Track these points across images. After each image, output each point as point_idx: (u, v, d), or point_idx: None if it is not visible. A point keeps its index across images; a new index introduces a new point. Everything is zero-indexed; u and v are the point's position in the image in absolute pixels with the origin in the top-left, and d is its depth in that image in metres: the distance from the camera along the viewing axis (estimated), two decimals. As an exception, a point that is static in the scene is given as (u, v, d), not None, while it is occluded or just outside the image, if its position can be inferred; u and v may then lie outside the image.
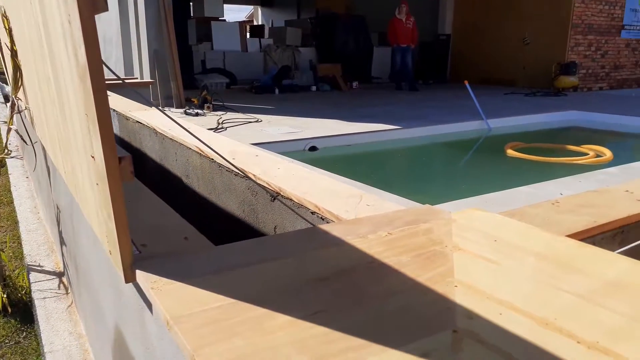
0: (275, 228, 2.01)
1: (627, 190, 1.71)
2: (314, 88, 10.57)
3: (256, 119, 6.25)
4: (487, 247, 1.22)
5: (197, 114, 6.66)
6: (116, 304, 1.53)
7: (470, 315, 0.91)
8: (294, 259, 1.15)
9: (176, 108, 7.22)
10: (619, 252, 1.22)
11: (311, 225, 1.65)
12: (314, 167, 2.29)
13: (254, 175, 2.06)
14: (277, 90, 9.75)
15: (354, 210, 1.56)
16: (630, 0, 11.26)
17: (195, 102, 7.20)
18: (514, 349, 0.81)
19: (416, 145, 5.89)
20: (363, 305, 0.95)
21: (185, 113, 6.81)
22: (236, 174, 2.26)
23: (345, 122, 6.12)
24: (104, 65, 1.01)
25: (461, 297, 0.98)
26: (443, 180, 4.93)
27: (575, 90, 10.38)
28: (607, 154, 5.14)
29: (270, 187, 1.95)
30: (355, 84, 10.98)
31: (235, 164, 2.09)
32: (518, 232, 1.30)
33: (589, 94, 10.35)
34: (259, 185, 2.02)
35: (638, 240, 1.44)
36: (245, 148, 2.61)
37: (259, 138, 5.03)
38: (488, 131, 6.49)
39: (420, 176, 5.08)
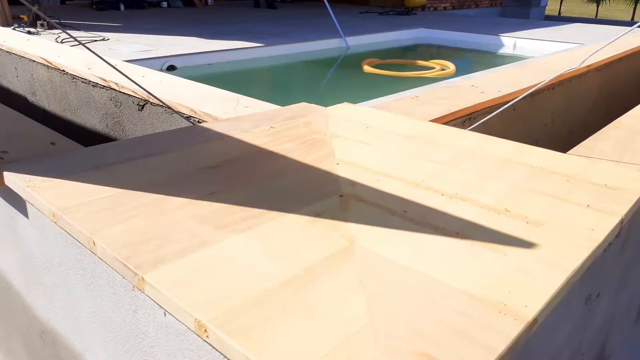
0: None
1: (472, 85, 1.94)
2: (164, 4, 9.77)
3: (102, 37, 5.65)
4: (361, 132, 1.32)
5: (29, 33, 5.81)
6: (-26, 224, 1.38)
7: (352, 183, 1.01)
8: (180, 152, 1.14)
9: (2, 26, 6.20)
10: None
11: (188, 129, 1.62)
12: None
13: (117, 84, 1.93)
14: (122, 7, 8.82)
15: (233, 111, 1.57)
16: None
17: (26, 19, 6.23)
18: (391, 204, 0.93)
19: (279, 63, 5.88)
20: (257, 184, 0.99)
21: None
22: (94, 85, 2.09)
23: (204, 40, 5.84)
24: None
25: (343, 171, 1.07)
26: (308, 96, 5.04)
27: (423, 9, 11.03)
28: (451, 67, 5.66)
29: (137, 95, 1.85)
30: (210, 0, 10.37)
31: (94, 74, 1.92)
32: (386, 120, 1.43)
33: (435, 13, 11.08)
34: (124, 94, 1.90)
35: (482, 124, 1.67)
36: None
37: (109, 57, 4.60)
38: (347, 49, 6.68)
39: (286, 93, 5.13)
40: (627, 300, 1.36)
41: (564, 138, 2.43)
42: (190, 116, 1.63)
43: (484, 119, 1.59)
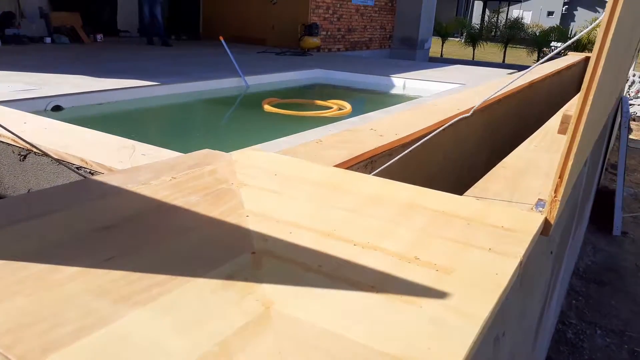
0: (29, 192, 1.74)
1: (372, 129, 2.01)
2: (48, 40, 9.23)
3: (-25, 75, 5.15)
4: (270, 180, 1.30)
5: None
6: None
7: (264, 237, 0.98)
8: (70, 211, 1.03)
9: None
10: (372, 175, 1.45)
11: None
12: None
13: (-7, 131, 1.74)
14: (-1, 42, 8.18)
15: (128, 160, 1.47)
16: (356, -30, 12.80)
17: None
18: (305, 258, 0.90)
19: (177, 102, 5.74)
20: (159, 245, 0.92)
21: None
22: (-34, 133, 1.86)
23: (94, 79, 5.55)
24: None
25: (254, 225, 1.03)
26: (208, 136, 4.95)
27: (319, 50, 11.46)
28: (347, 107, 5.89)
29: (17, 144, 1.67)
30: (99, 36, 9.97)
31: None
32: (294, 166, 1.42)
33: (330, 54, 11.56)
34: (2, 142, 1.71)
35: (382, 166, 1.72)
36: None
37: (-17, 96, 4.19)
38: (246, 88, 6.70)
39: (185, 133, 4.99)
40: (526, 330, 1.45)
41: (455, 175, 2.59)
42: (81, 167, 1.50)
43: (386, 164, 1.64)
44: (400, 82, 7.34)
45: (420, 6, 14.16)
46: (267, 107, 5.66)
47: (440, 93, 5.76)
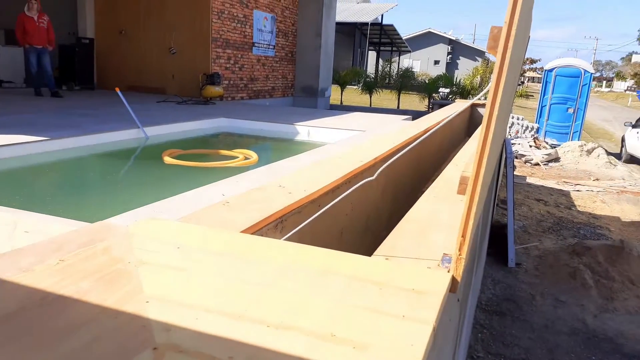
0: None
1: (280, 186, 1.99)
2: None
3: None
4: (172, 255, 1.21)
5: None
6: None
7: (167, 327, 0.89)
8: None
9: None
10: (283, 239, 1.41)
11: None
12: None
13: None
14: None
15: (8, 240, 1.30)
16: (256, 21, 13.12)
17: None
18: (214, 349, 0.83)
19: (69, 158, 5.36)
20: (43, 349, 0.80)
21: None
22: None
23: (-30, 135, 5.04)
24: None
25: (155, 312, 0.94)
26: (104, 193, 4.64)
27: (222, 99, 11.42)
28: (254, 156, 5.86)
29: None
30: (-22, 88, 9.15)
31: None
32: (198, 236, 1.34)
33: (233, 103, 11.56)
34: None
35: (293, 225, 1.70)
36: None
37: None
38: (145, 139, 6.46)
39: (78, 192, 4.65)
40: (442, 385, 1.46)
41: (363, 225, 2.64)
42: (-52, 250, 1.31)
43: (298, 227, 1.62)
44: (305, 130, 7.49)
45: (319, 57, 14.77)
46: (168, 159, 5.47)
47: (343, 140, 5.96)
